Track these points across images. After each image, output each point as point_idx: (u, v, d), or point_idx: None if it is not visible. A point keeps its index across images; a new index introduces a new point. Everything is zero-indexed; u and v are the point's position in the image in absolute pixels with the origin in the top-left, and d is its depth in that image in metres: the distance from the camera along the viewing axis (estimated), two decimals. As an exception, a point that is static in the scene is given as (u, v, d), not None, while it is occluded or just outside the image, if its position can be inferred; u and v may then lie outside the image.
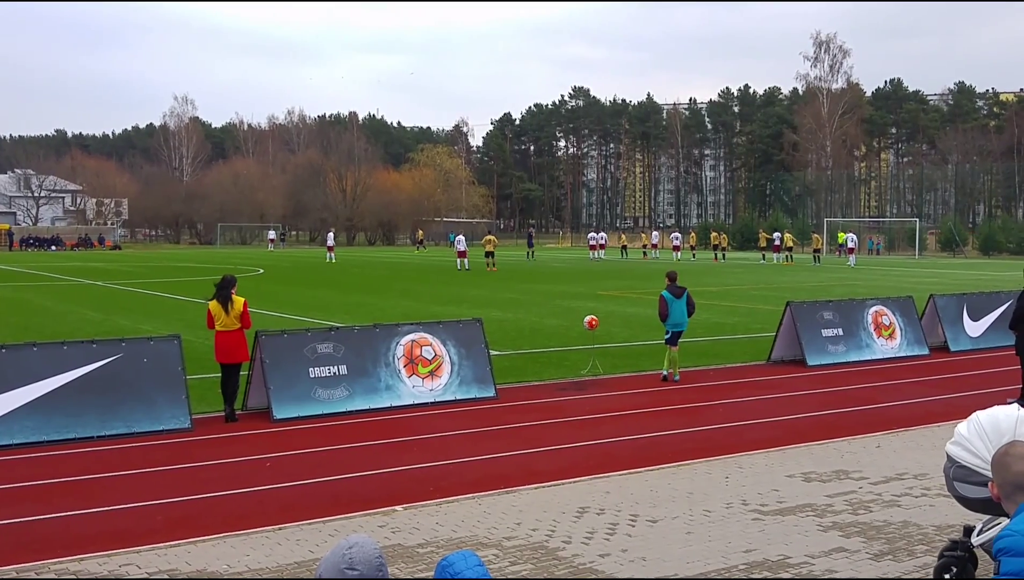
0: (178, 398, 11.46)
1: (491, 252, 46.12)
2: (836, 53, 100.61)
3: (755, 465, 9.73)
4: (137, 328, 20.52)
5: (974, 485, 6.00)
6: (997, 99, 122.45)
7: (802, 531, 7.61)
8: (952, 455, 6.17)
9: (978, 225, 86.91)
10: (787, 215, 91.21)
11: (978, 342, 18.35)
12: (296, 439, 10.98)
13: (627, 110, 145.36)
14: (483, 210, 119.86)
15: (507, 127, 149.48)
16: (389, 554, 7.05)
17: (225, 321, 12.07)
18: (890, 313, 17.65)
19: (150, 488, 8.95)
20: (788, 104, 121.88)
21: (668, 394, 13.77)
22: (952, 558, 6.34)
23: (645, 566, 6.84)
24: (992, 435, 5.95)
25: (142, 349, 11.63)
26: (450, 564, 3.49)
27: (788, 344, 16.58)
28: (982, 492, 5.95)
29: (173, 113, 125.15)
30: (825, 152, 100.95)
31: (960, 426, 6.22)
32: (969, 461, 6.03)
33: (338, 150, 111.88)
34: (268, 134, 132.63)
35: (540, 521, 7.85)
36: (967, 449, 6.06)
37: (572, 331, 20.14)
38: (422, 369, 13.07)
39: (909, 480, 9.07)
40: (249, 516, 8.04)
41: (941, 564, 6.38)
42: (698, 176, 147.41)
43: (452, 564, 3.49)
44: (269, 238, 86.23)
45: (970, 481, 6.03)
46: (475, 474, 9.43)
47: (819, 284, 36.76)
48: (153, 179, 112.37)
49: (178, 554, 7.11)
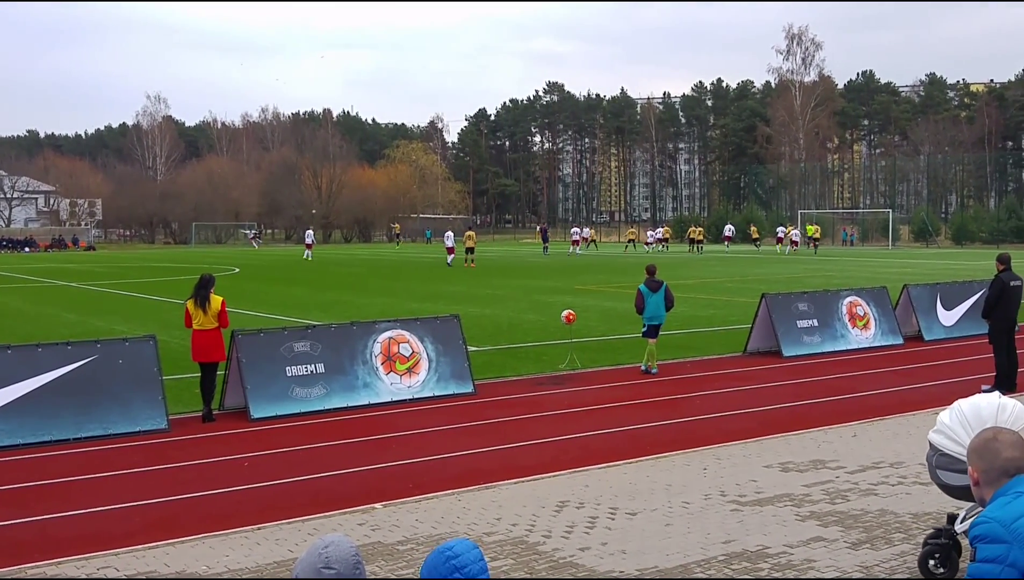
0: (154, 399, 11.39)
1: (471, 248, 46.19)
2: (808, 46, 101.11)
3: (732, 456, 9.79)
4: (112, 329, 20.36)
5: (957, 473, 6.07)
6: (968, 90, 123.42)
7: (780, 521, 7.66)
8: (935, 443, 6.25)
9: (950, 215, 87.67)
10: (761, 208, 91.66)
11: (952, 331, 18.52)
12: (274, 438, 10.94)
13: (601, 105, 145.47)
14: (459, 206, 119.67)
15: (482, 123, 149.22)
16: (369, 552, 7.05)
17: (202, 320, 12.01)
18: (864, 303, 17.79)
19: (127, 490, 8.90)
20: (761, 97, 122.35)
21: (646, 387, 13.82)
22: (936, 546, 6.41)
23: (625, 559, 6.87)
24: (974, 423, 6.02)
25: (118, 350, 11.55)
26: (455, 555, 3.22)
27: (764, 335, 16.68)
28: (965, 480, 6.01)
29: (146, 112, 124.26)
30: (798, 144, 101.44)
31: (942, 415, 6.29)
32: (952, 449, 6.10)
33: (313, 147, 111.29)
34: (242, 132, 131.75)
35: (520, 516, 7.87)
36: (950, 437, 6.13)
37: (550, 326, 20.17)
38: (400, 366, 13.05)
39: (885, 469, 9.15)
40: (228, 516, 8.01)
41: (925, 552, 6.44)
42: (673, 170, 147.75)
43: (457, 555, 3.22)
44: (250, 237, 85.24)
45: (953, 469, 6.10)
46: (454, 470, 9.43)
47: (794, 276, 36.98)
48: (127, 179, 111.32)
49: (156, 556, 7.07)
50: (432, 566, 3.25)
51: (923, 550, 6.46)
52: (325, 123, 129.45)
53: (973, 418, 6.03)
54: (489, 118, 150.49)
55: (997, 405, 6.04)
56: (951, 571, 6.36)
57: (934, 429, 6.28)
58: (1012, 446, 3.90)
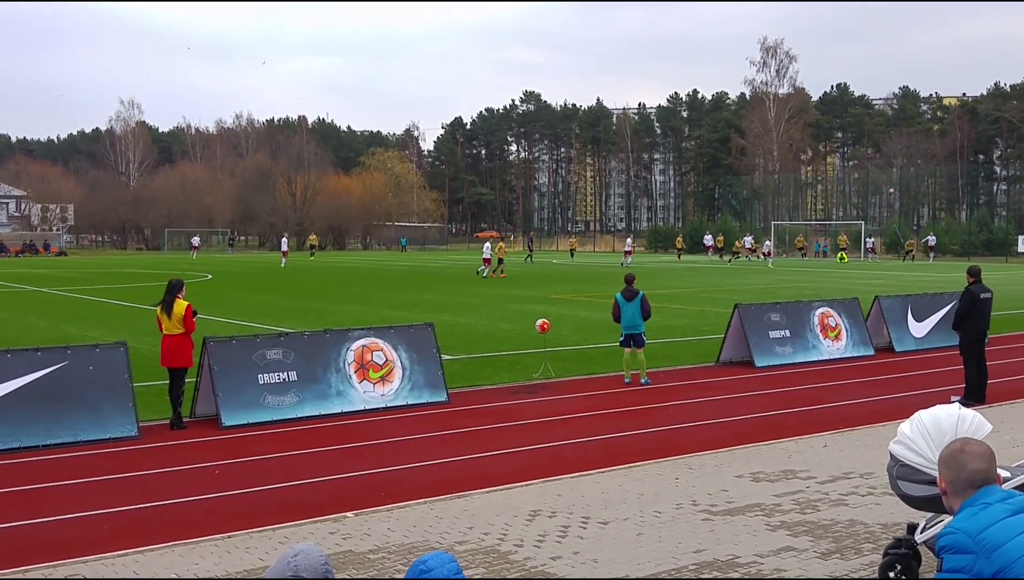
0: (125, 406, 11.29)
1: (501, 258, 46.11)
2: (783, 58, 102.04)
3: (705, 466, 9.83)
4: (83, 335, 20.18)
5: (917, 483, 6.13)
6: (941, 103, 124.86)
7: (751, 531, 7.70)
8: (895, 454, 6.30)
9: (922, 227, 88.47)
10: (735, 219, 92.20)
11: (922, 342, 18.69)
12: (245, 446, 10.87)
13: (577, 115, 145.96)
14: (434, 215, 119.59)
15: (458, 131, 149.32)
16: (340, 561, 7.02)
17: (168, 325, 11.94)
18: (836, 314, 17.92)
19: (97, 497, 8.82)
20: (736, 109, 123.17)
21: (619, 397, 13.85)
22: (896, 556, 6.47)
23: (596, 568, 6.88)
24: (935, 434, 6.08)
25: (88, 356, 11.45)
26: (427, 568, 3.38)
27: (736, 346, 16.77)
28: (925, 490, 6.08)
29: (119, 117, 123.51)
30: (772, 156, 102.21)
31: (903, 425, 6.34)
32: (913, 460, 6.16)
33: (287, 154, 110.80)
34: (216, 138, 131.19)
35: (492, 525, 7.86)
36: (910, 448, 6.19)
37: (524, 335, 20.18)
38: (373, 374, 13.01)
39: (856, 479, 9.22)
40: (198, 524, 7.95)
41: (886, 562, 6.50)
42: (648, 180, 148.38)
43: (429, 569, 3.38)
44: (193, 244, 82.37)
45: (913, 479, 6.15)
46: (427, 479, 9.41)
47: (766, 286, 37.21)
48: (99, 184, 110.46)
49: (126, 564, 7.01)
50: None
51: (884, 560, 6.52)
52: (300, 130, 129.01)
53: (933, 429, 6.10)
54: (465, 127, 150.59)
55: (957, 416, 6.11)
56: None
57: (895, 440, 6.34)
58: (980, 457, 3.95)
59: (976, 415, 6.17)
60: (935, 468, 6.03)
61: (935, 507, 6.18)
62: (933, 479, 6.05)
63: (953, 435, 6.01)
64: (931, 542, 6.30)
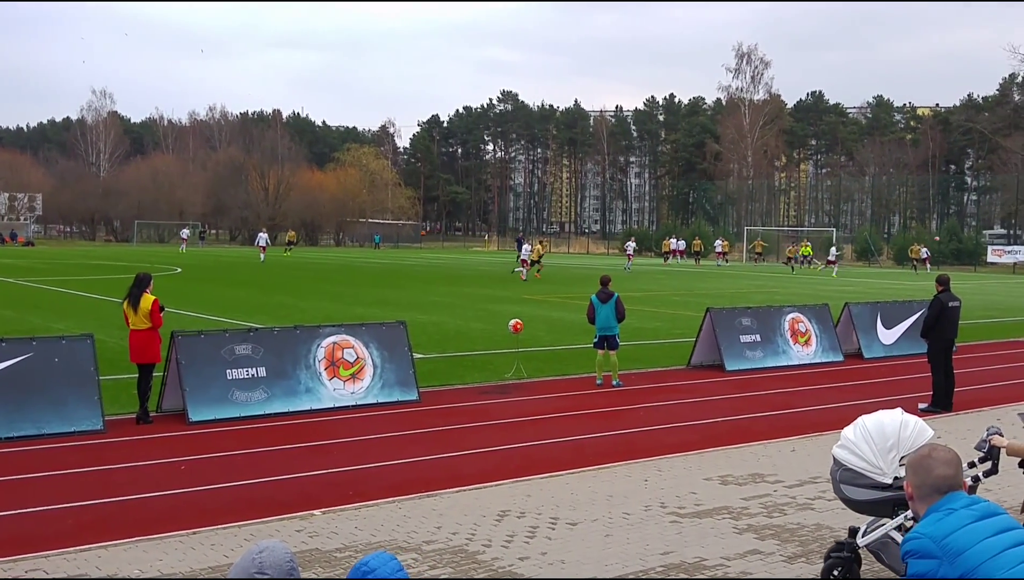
0: (90, 399, 11.16)
1: (539, 258, 45.72)
2: (758, 64, 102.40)
3: (674, 468, 9.86)
4: (49, 327, 19.94)
5: (860, 487, 6.19)
6: (914, 113, 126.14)
7: (718, 533, 7.72)
8: (839, 458, 6.35)
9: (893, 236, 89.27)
10: (709, 223, 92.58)
11: (891, 349, 18.85)
12: (212, 442, 10.78)
13: (554, 116, 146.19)
14: (409, 212, 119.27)
15: (435, 129, 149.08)
16: (306, 559, 6.96)
17: (134, 320, 11.81)
18: (806, 320, 18.04)
19: (60, 491, 8.70)
20: (712, 114, 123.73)
21: (590, 398, 13.86)
22: (838, 559, 6.52)
23: (564, 568, 6.87)
24: (877, 439, 6.14)
25: (54, 348, 11.30)
26: (370, 569, 3.39)
27: (708, 349, 16.83)
28: (867, 494, 6.15)
29: (91, 107, 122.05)
30: (746, 162, 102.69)
31: (847, 430, 6.40)
32: (856, 464, 6.21)
33: (261, 148, 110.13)
34: (189, 130, 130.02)
35: (461, 525, 7.83)
36: (854, 452, 6.24)
37: (496, 335, 20.16)
38: (343, 371, 12.94)
39: (822, 484, 9.27)
40: (162, 520, 7.86)
41: (828, 565, 6.55)
42: (623, 183, 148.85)
43: (372, 569, 3.38)
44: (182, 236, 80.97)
45: (856, 483, 6.21)
46: (396, 478, 9.37)
47: (738, 291, 37.41)
48: (69, 174, 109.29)
49: (88, 558, 6.92)
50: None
51: (825, 563, 6.57)
52: (274, 124, 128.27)
53: (877, 434, 6.15)
54: (442, 125, 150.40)
55: (900, 422, 6.16)
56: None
57: (838, 444, 6.39)
58: (946, 463, 3.97)
59: (919, 420, 6.24)
60: (877, 472, 6.09)
61: (877, 511, 6.24)
62: (875, 483, 6.11)
63: (896, 440, 6.07)
64: (872, 545, 6.36)
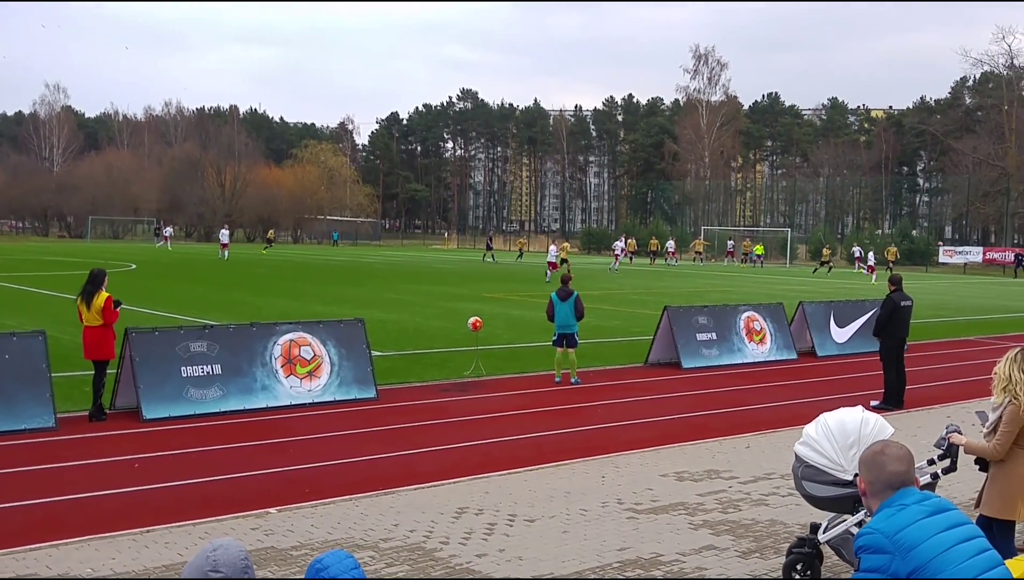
0: (42, 396, 10.98)
1: (565, 259, 45.49)
2: (715, 66, 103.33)
3: (630, 465, 9.91)
4: (1, 323, 19.59)
5: (821, 484, 6.28)
6: (868, 115, 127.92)
7: (674, 529, 7.78)
8: (800, 455, 6.43)
9: (846, 236, 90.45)
10: (667, 223, 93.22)
11: (844, 348, 19.11)
12: (167, 440, 10.66)
13: (514, 114, 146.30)
14: (368, 209, 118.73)
15: (394, 126, 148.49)
16: (262, 557, 6.91)
17: (87, 316, 11.66)
18: (761, 319, 18.23)
19: (10, 489, 8.55)
20: (670, 115, 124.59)
21: (549, 395, 13.90)
22: (800, 555, 6.61)
23: (521, 565, 6.88)
24: (839, 436, 6.23)
25: (4, 345, 11.10)
26: (324, 567, 3.38)
27: (665, 347, 16.95)
28: (828, 490, 6.24)
29: (44, 101, 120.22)
30: (704, 162, 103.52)
31: (808, 427, 6.49)
32: (817, 461, 6.30)
33: (217, 144, 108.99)
34: (144, 126, 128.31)
35: (418, 522, 7.82)
36: (815, 449, 6.33)
37: (456, 332, 20.14)
38: (300, 369, 12.86)
39: (776, 480, 9.38)
40: (115, 518, 7.76)
41: (790, 560, 6.64)
42: (583, 182, 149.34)
43: (326, 567, 3.38)
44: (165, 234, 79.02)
45: (817, 480, 6.30)
46: (353, 475, 9.33)
47: (695, 290, 37.70)
48: (21, 169, 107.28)
49: (38, 558, 6.81)
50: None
51: (787, 559, 6.66)
52: (231, 120, 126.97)
53: (838, 431, 6.25)
54: (401, 122, 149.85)
55: (860, 419, 6.26)
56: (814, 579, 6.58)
57: (800, 441, 6.47)
58: (898, 460, 4.04)
59: (879, 418, 6.34)
60: (838, 469, 6.18)
61: (838, 507, 6.34)
62: (837, 480, 6.20)
63: (857, 437, 6.17)
64: (833, 541, 6.46)
